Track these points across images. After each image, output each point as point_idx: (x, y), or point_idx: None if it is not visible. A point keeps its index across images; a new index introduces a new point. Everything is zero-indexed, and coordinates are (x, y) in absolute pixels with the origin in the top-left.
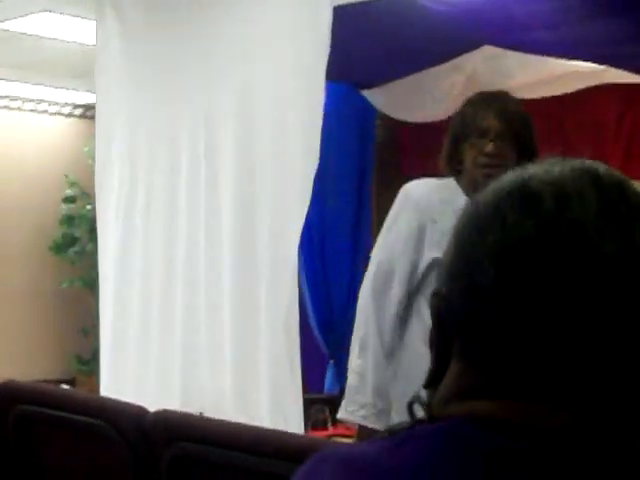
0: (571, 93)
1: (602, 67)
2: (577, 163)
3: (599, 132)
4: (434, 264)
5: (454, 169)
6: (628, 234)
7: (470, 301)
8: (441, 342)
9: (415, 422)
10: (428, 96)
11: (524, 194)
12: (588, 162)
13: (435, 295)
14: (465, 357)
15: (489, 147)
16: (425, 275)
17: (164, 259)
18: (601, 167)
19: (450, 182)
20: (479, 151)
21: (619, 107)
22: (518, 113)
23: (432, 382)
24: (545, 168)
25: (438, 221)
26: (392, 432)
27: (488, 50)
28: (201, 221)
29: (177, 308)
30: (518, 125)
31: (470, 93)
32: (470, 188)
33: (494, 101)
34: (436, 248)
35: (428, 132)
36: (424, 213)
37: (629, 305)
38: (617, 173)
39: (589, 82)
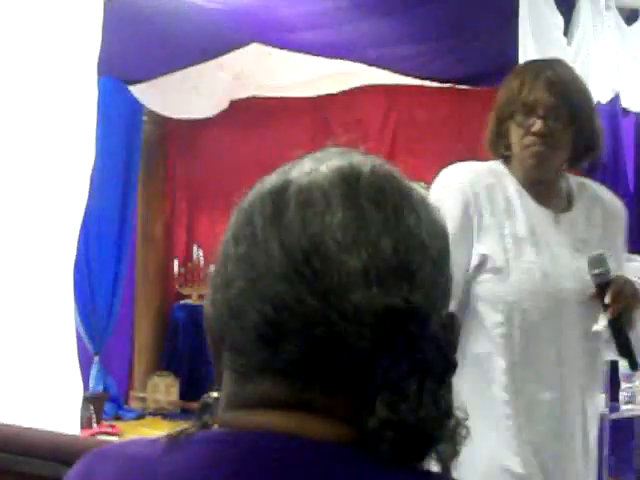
0: (337, 92)
1: (367, 67)
2: (344, 160)
3: (364, 131)
4: (483, 261)
5: (500, 154)
6: (376, 247)
7: (227, 315)
8: (213, 349)
9: (200, 426)
10: (194, 93)
11: (275, 202)
12: (357, 159)
13: (207, 302)
14: (230, 368)
15: (538, 125)
16: (475, 275)
17: None
18: (367, 167)
19: (497, 165)
20: (526, 130)
21: (383, 107)
22: (574, 84)
23: (218, 387)
24: (310, 167)
25: (484, 212)
26: (173, 436)
27: (256, 48)
28: None
29: None
30: (574, 99)
31: (237, 90)
32: (522, 174)
33: (545, 69)
34: (484, 242)
35: (196, 128)
36: (469, 201)
37: (381, 319)
38: (384, 173)
39: (354, 82)
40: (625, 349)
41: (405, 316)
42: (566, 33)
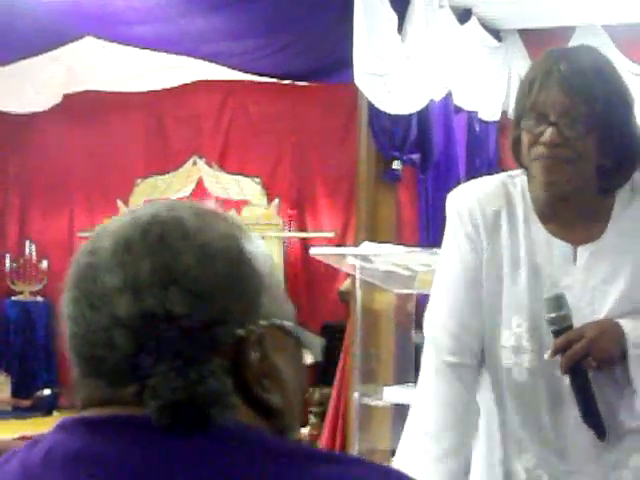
0: (172, 87)
1: (202, 62)
2: (151, 209)
3: (198, 126)
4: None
5: (521, 163)
6: (136, 268)
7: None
8: None
9: None
10: (27, 86)
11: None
12: (168, 212)
13: None
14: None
15: (548, 133)
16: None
17: None
18: (174, 221)
19: (513, 180)
20: (535, 139)
21: (218, 102)
22: (599, 78)
23: None
24: (144, 211)
25: (484, 248)
26: None
27: (89, 42)
28: None
29: None
30: (596, 97)
31: (71, 84)
32: (536, 193)
33: (561, 61)
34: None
35: (30, 122)
36: (471, 236)
37: (138, 322)
38: (167, 220)
39: (189, 77)
40: (588, 414)
41: (160, 319)
42: (400, 30)
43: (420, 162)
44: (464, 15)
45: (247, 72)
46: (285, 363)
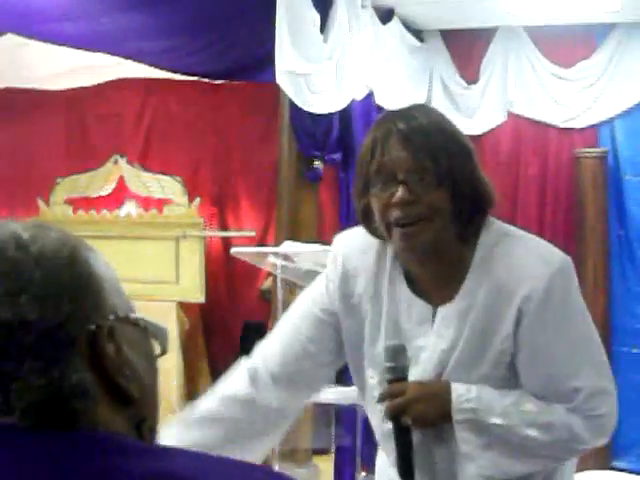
0: (93, 85)
1: (123, 60)
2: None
3: (120, 124)
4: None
5: (375, 232)
6: None
7: None
8: None
9: None
10: None
11: None
12: (18, 231)
13: None
14: None
15: (399, 193)
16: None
17: None
18: (7, 236)
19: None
20: (386, 202)
21: (139, 100)
22: (436, 132)
23: None
24: None
25: (341, 297)
26: None
27: (11, 39)
28: None
29: None
30: (438, 150)
31: None
32: (397, 251)
33: (397, 121)
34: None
35: None
36: (347, 278)
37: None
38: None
39: (110, 75)
40: (401, 465)
41: (15, 327)
42: (322, 30)
43: (341, 161)
44: (386, 15)
45: (169, 70)
46: (137, 354)
